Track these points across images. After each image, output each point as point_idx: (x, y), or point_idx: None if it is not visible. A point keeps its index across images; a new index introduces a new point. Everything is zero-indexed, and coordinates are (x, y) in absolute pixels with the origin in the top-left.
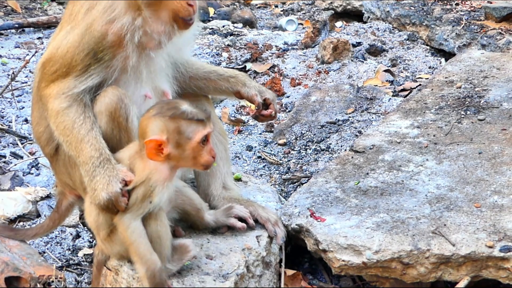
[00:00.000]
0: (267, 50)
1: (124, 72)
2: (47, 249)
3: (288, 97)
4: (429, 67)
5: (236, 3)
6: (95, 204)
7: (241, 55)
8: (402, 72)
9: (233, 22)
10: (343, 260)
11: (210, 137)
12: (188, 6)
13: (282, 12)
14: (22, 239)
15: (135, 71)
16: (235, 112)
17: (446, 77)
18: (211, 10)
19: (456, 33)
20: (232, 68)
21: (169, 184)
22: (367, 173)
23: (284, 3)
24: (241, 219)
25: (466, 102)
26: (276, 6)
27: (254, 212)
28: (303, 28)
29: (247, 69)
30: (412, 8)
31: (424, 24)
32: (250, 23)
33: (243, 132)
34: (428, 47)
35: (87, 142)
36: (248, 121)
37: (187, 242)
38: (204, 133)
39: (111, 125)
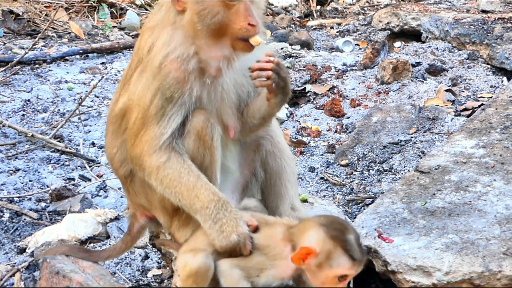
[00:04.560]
0: (326, 71)
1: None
2: (117, 269)
3: (348, 118)
4: (491, 86)
5: (292, 25)
6: (219, 246)
7: (300, 77)
8: (463, 91)
9: (290, 44)
10: (413, 282)
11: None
12: (249, 27)
13: (338, 33)
14: (95, 260)
15: (200, 103)
16: (296, 134)
17: (510, 96)
18: (268, 33)
19: None
20: (292, 90)
21: (282, 279)
22: (434, 194)
23: (339, 24)
24: None
25: None
26: (332, 27)
27: None
28: (360, 48)
29: (306, 90)
30: (471, 27)
31: (485, 43)
32: (307, 45)
33: (305, 153)
34: (489, 66)
35: (200, 187)
36: (309, 142)
37: None
38: (347, 272)
39: (197, 143)
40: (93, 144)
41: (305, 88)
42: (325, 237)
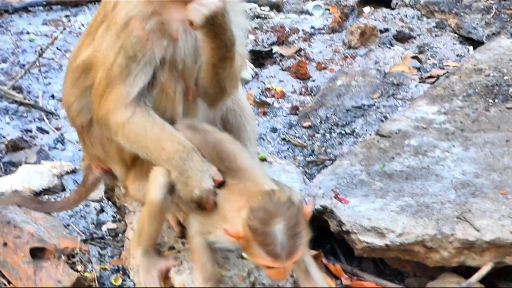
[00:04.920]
0: (293, 33)
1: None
2: (72, 222)
3: (313, 81)
4: (457, 55)
5: None
6: (184, 198)
7: (267, 38)
8: (429, 59)
9: (259, 5)
10: (366, 242)
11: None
12: None
13: None
14: (48, 211)
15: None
16: (260, 94)
17: (474, 65)
18: None
19: (485, 22)
20: (259, 50)
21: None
22: (393, 157)
23: None
24: None
25: (494, 90)
26: None
27: None
28: (330, 13)
29: (273, 52)
30: None
31: (453, 12)
32: (277, 7)
33: (268, 114)
34: (456, 35)
35: (165, 139)
36: (273, 103)
37: None
38: (270, 265)
39: (160, 96)
40: (52, 96)
41: (271, 49)
42: (245, 223)
